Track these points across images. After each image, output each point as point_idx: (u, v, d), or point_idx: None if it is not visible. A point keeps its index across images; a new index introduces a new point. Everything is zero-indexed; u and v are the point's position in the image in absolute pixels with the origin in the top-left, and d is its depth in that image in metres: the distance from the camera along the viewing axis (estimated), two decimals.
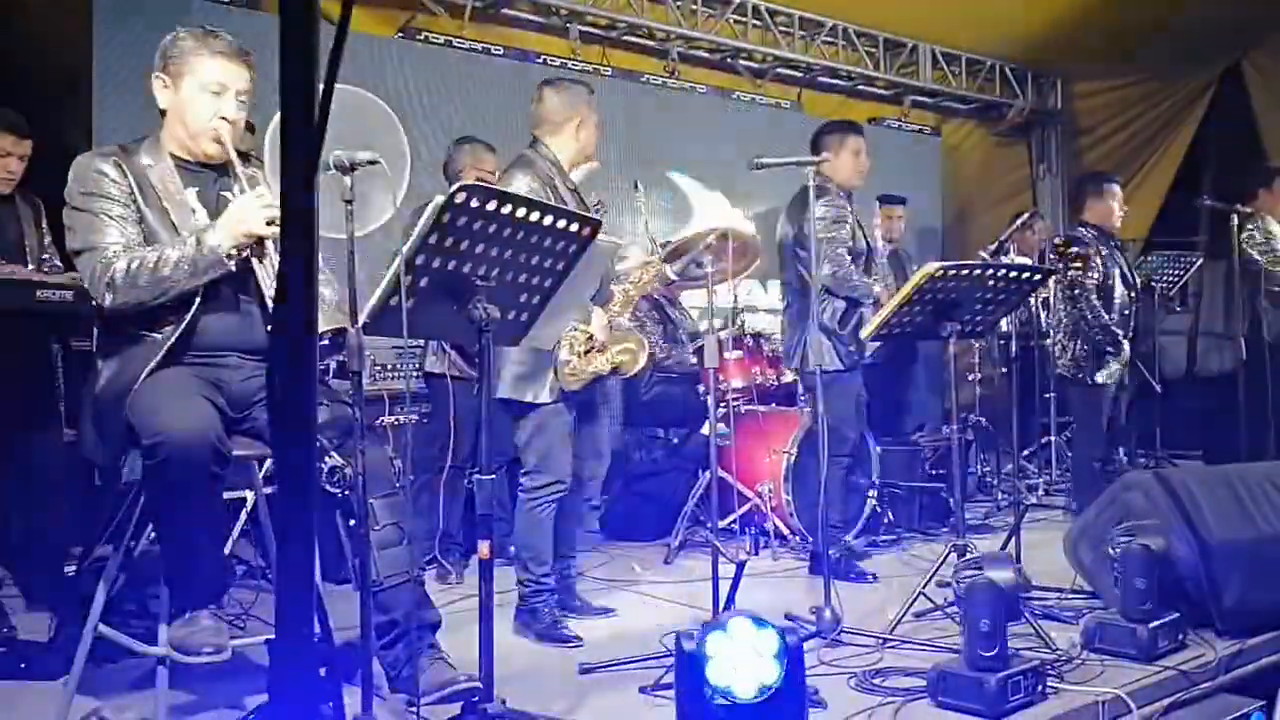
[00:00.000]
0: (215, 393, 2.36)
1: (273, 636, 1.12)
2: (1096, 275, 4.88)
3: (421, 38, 5.67)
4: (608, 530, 5.03)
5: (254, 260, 2.37)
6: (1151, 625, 2.89)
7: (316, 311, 1.17)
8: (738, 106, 7.04)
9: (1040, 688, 2.58)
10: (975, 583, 2.57)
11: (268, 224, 2.27)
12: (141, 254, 2.32)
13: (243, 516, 3.78)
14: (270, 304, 2.33)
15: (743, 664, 2.20)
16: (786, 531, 4.64)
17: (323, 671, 1.14)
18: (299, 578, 1.15)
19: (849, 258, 4.02)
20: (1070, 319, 4.99)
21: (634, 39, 6.59)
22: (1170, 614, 2.97)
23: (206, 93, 2.43)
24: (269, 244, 2.32)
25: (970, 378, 6.03)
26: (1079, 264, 4.84)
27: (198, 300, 2.34)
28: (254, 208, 2.30)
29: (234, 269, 2.33)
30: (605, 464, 3.61)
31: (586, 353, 3.32)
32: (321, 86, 1.13)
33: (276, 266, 2.14)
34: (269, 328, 2.33)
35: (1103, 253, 4.94)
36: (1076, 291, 4.90)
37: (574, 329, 3.26)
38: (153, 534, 2.58)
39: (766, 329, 5.50)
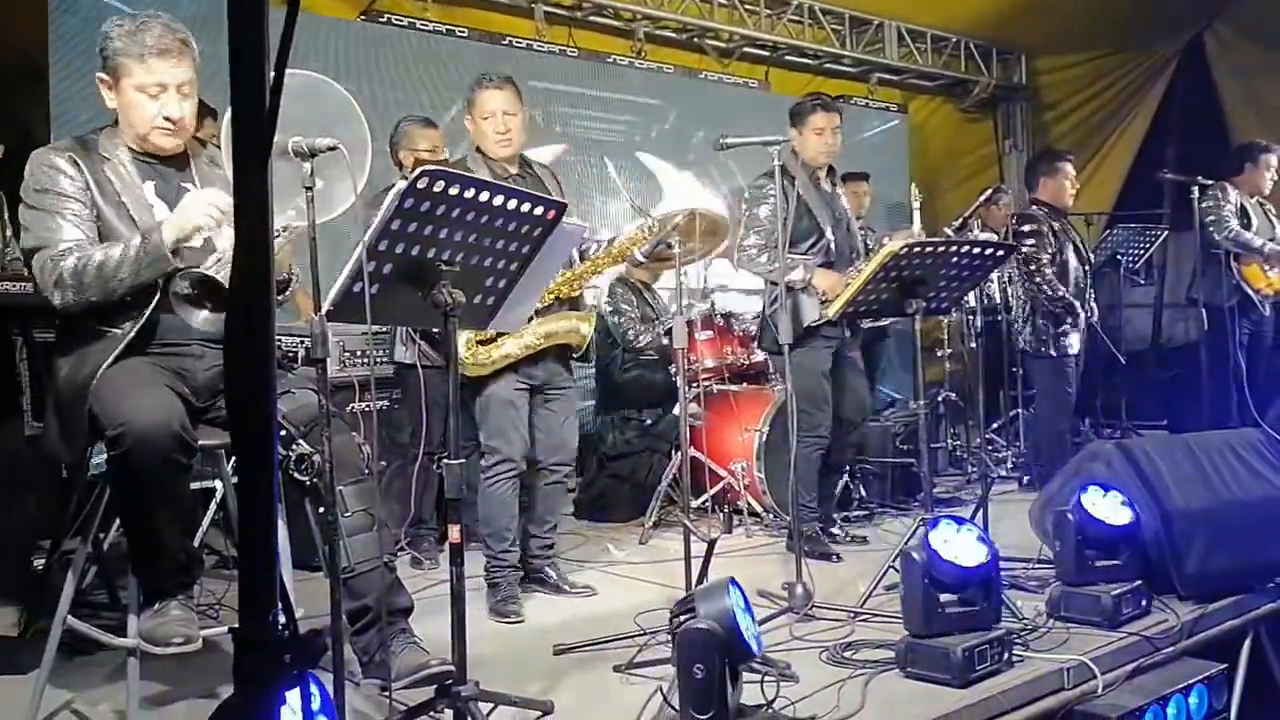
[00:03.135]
0: (179, 382, 2.35)
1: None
2: (1050, 250, 5.03)
3: (384, 20, 5.62)
4: (582, 511, 5.05)
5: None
6: (1115, 592, 2.95)
7: (273, 300, 1.16)
8: (705, 86, 7.04)
9: (1007, 656, 2.62)
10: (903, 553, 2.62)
11: (208, 216, 2.23)
12: (89, 252, 2.27)
13: (213, 506, 3.77)
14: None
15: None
16: (759, 509, 4.68)
17: (288, 659, 1.14)
18: (262, 565, 1.15)
19: (755, 240, 4.03)
20: (1028, 294, 5.13)
21: (600, 19, 6.55)
22: (1133, 580, 3.03)
23: (145, 94, 2.35)
24: (222, 239, 2.27)
25: (939, 353, 6.10)
26: (1033, 240, 4.99)
27: (157, 295, 2.31)
28: (198, 201, 2.26)
29: (180, 266, 2.26)
30: (564, 454, 3.54)
31: (484, 343, 3.32)
32: (273, 71, 1.12)
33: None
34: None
35: (1054, 228, 5.06)
36: (1032, 268, 5.05)
37: None
38: (120, 525, 2.57)
39: (737, 309, 5.52)
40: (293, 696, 1.22)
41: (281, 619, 1.16)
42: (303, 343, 3.93)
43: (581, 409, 4.70)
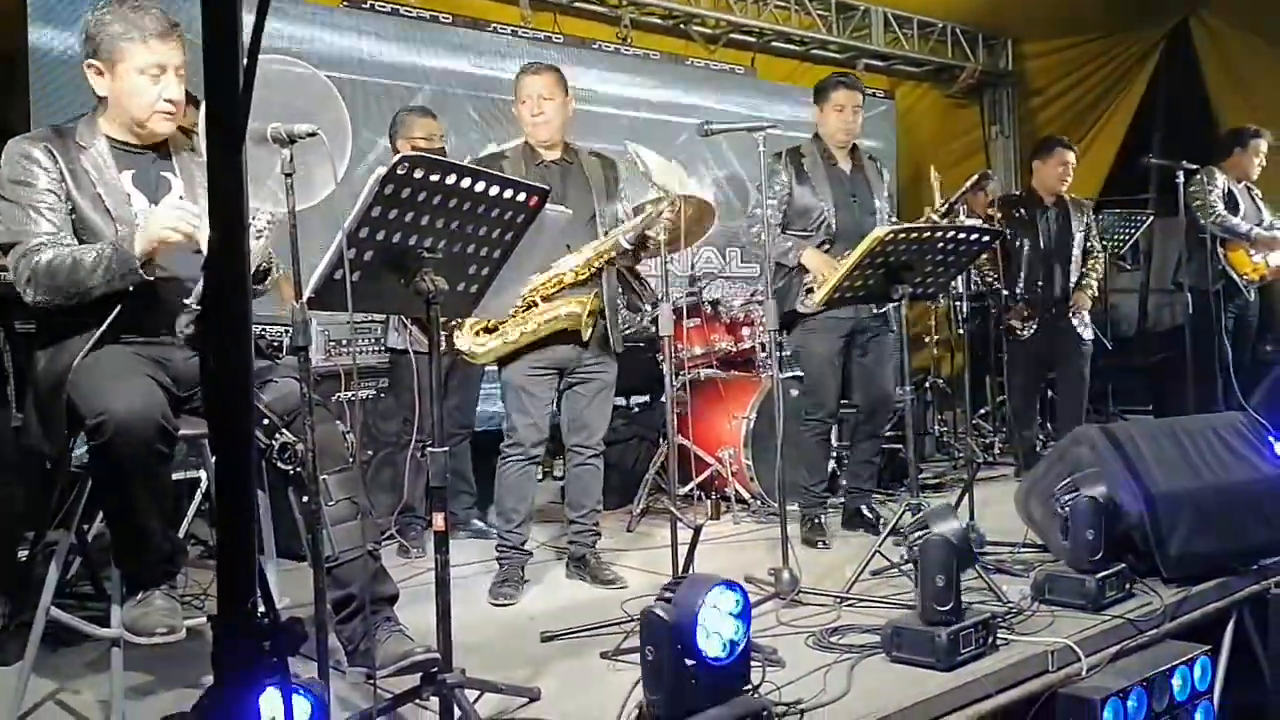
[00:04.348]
0: (159, 371, 2.33)
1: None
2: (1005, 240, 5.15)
3: (368, 5, 5.58)
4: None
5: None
6: (1099, 575, 2.96)
7: (249, 287, 1.16)
8: (691, 72, 7.01)
9: (991, 639, 2.63)
10: (928, 539, 2.62)
11: (173, 229, 2.20)
12: (63, 252, 2.26)
13: (198, 496, 3.76)
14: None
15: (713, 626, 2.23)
16: (747, 496, 4.69)
17: (267, 646, 1.14)
18: (241, 554, 1.15)
19: (757, 222, 3.98)
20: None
21: (585, 6, 6.52)
22: (1117, 564, 3.05)
23: (147, 77, 2.36)
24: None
25: (927, 340, 6.12)
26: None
27: (130, 288, 2.29)
28: (166, 212, 2.23)
29: (150, 278, 2.26)
30: (585, 435, 3.57)
31: (488, 330, 3.32)
32: (246, 56, 1.11)
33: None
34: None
35: (1020, 215, 5.20)
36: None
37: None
38: (103, 516, 2.55)
39: (724, 295, 5.51)
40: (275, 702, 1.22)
41: (261, 607, 1.16)
42: (288, 332, 3.92)
43: None
